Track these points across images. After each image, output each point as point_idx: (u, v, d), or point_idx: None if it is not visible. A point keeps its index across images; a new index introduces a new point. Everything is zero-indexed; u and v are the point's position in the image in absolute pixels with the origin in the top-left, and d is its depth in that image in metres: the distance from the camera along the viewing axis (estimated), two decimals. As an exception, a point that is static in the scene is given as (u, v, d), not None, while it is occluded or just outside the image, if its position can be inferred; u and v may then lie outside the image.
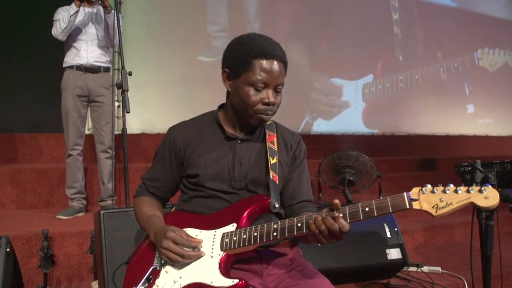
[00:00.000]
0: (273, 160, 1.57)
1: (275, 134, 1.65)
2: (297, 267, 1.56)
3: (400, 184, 5.18)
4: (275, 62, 1.49)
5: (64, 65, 3.49)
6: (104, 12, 3.35)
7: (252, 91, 1.49)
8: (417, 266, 2.95)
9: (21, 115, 4.89)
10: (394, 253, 2.57)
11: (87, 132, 3.68)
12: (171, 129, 1.68)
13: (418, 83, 7.23)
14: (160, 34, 5.41)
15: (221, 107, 1.68)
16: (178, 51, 5.51)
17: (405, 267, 2.75)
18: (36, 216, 3.35)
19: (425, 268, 2.95)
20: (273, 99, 1.50)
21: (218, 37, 5.60)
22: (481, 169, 2.01)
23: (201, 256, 1.44)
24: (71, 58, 3.46)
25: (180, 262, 1.43)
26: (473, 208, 2.02)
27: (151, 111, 5.23)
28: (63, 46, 3.53)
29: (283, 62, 1.52)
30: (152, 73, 5.25)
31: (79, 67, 3.44)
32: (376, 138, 6.69)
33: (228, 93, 1.60)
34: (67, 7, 3.43)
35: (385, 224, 2.65)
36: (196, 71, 5.42)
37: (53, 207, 3.62)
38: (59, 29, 3.35)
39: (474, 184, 1.22)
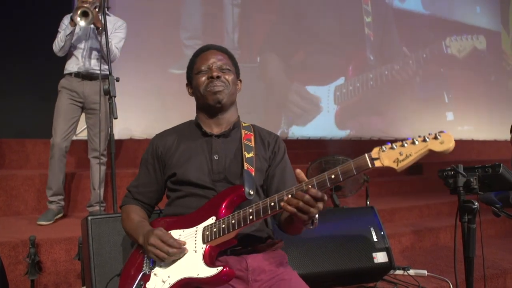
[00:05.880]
0: (248, 155, 1.66)
1: (252, 133, 1.75)
2: (283, 274, 1.58)
3: (387, 189, 5.24)
4: (211, 50, 1.75)
5: (65, 71, 3.52)
6: (96, 31, 3.38)
7: (200, 76, 1.71)
8: (404, 269, 2.98)
9: (7, 121, 4.85)
10: (380, 257, 2.60)
11: (82, 137, 3.67)
12: (154, 137, 1.81)
13: (388, 79, 7.33)
14: (146, 39, 5.42)
15: None
16: (165, 56, 5.53)
17: (391, 271, 2.78)
18: (23, 223, 3.32)
19: (412, 271, 2.98)
20: (216, 73, 1.67)
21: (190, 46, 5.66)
22: (463, 173, 2.05)
23: (185, 253, 1.48)
24: (71, 66, 3.49)
25: (166, 259, 1.47)
26: (457, 212, 2.07)
27: (138, 117, 5.22)
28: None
29: (222, 51, 1.77)
30: (139, 78, 5.26)
31: (77, 74, 3.46)
32: (363, 143, 6.75)
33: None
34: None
35: (371, 228, 2.68)
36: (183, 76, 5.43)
37: (40, 213, 3.58)
38: (57, 46, 3.42)
39: (429, 133, 1.26)
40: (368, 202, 3.67)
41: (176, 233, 1.55)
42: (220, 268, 1.40)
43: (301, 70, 6.60)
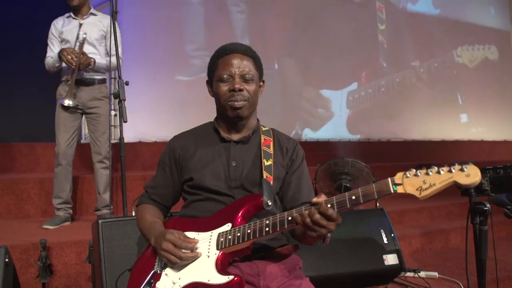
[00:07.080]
0: (267, 162, 1.63)
1: (271, 139, 1.71)
2: (293, 280, 1.56)
3: (396, 190, 5.20)
4: (236, 55, 1.64)
5: (61, 78, 3.50)
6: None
7: (221, 85, 1.63)
8: (414, 271, 2.96)
9: (17, 125, 4.89)
10: (391, 259, 2.59)
11: (83, 141, 3.68)
12: (172, 138, 1.79)
13: (399, 86, 7.32)
14: (156, 41, 5.44)
15: None
16: (172, 58, 5.55)
17: (402, 273, 2.76)
18: (33, 226, 3.34)
19: (422, 273, 2.96)
20: (238, 86, 1.60)
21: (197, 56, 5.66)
22: (475, 175, 2.03)
23: (198, 257, 1.48)
24: (66, 72, 3.46)
25: (178, 263, 1.48)
26: (468, 214, 2.05)
27: (147, 120, 5.24)
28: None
29: (247, 55, 1.66)
30: (148, 81, 5.28)
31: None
32: (372, 144, 6.72)
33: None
34: (60, 21, 3.50)
35: (381, 230, 2.67)
36: (192, 79, 5.46)
37: (51, 216, 3.62)
38: (48, 68, 3.47)
39: (456, 164, 1.23)
40: (377, 204, 3.65)
41: (191, 236, 1.55)
42: (231, 277, 1.40)
43: (315, 75, 6.60)
